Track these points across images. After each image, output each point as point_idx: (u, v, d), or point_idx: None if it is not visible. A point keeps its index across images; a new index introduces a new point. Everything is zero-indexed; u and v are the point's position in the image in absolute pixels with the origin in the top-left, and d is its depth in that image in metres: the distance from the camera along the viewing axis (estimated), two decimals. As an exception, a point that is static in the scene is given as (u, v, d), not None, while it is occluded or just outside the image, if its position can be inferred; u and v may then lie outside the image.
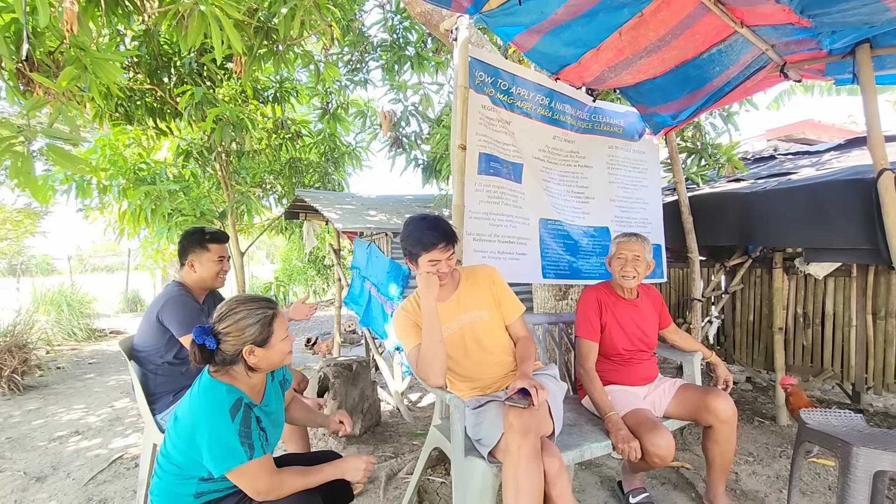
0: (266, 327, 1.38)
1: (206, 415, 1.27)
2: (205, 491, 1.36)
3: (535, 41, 2.28)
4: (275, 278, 12.10)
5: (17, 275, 15.74)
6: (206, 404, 1.29)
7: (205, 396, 1.31)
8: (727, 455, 1.95)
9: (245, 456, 1.27)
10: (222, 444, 1.25)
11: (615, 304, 2.16)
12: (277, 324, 1.41)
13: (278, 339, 1.41)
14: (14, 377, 4.53)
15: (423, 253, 1.78)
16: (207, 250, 2.13)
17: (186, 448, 1.29)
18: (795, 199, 2.83)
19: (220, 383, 1.33)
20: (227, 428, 1.26)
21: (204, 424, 1.26)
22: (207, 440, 1.25)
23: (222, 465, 1.26)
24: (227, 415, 1.27)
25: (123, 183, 4.95)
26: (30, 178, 2.24)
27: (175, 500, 1.36)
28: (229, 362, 1.36)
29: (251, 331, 1.35)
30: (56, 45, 2.81)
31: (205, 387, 1.33)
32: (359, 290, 4.30)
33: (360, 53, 5.06)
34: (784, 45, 2.32)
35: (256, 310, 1.38)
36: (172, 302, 2.03)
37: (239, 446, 1.26)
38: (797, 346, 3.44)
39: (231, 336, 1.34)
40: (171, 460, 1.34)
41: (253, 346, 1.35)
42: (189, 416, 1.30)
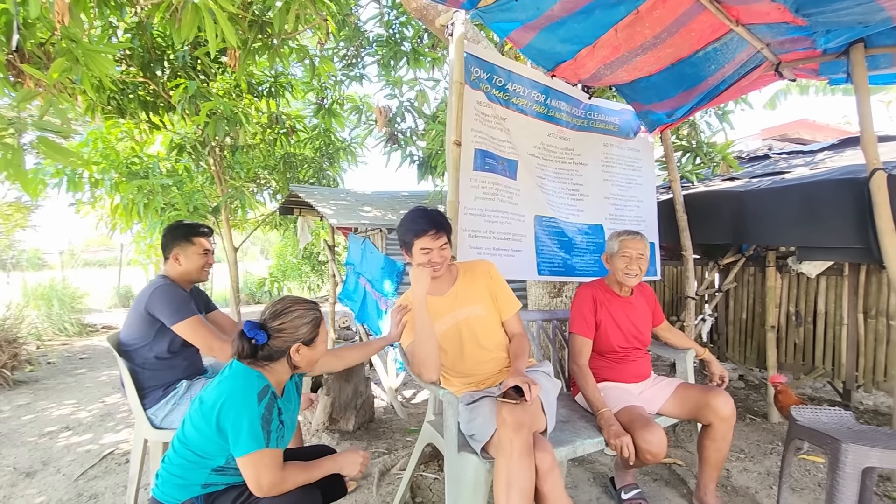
0: (316, 328, 1.46)
1: (235, 395, 1.31)
2: (213, 482, 1.38)
3: (531, 37, 2.27)
4: (269, 274, 12.04)
5: (8, 269, 15.59)
6: (237, 385, 1.32)
7: (236, 378, 1.34)
8: (722, 453, 1.97)
9: (263, 442, 1.29)
10: (247, 424, 1.28)
11: (610, 301, 2.17)
12: (323, 327, 1.49)
13: (322, 340, 1.48)
14: (4, 372, 4.49)
15: (415, 240, 1.80)
16: (192, 244, 2.13)
17: (208, 429, 1.31)
18: (789, 198, 2.85)
19: (251, 369, 1.37)
20: (253, 410, 1.29)
21: (232, 403, 1.29)
22: (233, 419, 1.28)
23: (243, 447, 1.28)
24: (255, 397, 1.31)
25: (115, 177, 4.90)
26: (20, 170, 2.21)
27: (183, 487, 1.37)
28: (274, 358, 1.41)
29: (304, 329, 1.42)
30: (47, 36, 2.78)
31: (236, 371, 1.36)
32: (353, 286, 4.29)
33: (356, 48, 5.04)
34: (779, 43, 2.32)
35: (309, 310, 1.45)
36: (160, 291, 2.00)
37: (260, 430, 1.29)
38: (789, 344, 3.47)
39: (285, 333, 1.40)
40: (189, 446, 1.36)
41: (301, 344, 1.41)
42: (217, 396, 1.32)
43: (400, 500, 2.18)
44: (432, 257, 1.79)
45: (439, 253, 1.80)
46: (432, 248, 1.79)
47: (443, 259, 1.82)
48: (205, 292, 2.40)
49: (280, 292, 11.53)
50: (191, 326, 1.97)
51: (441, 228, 1.81)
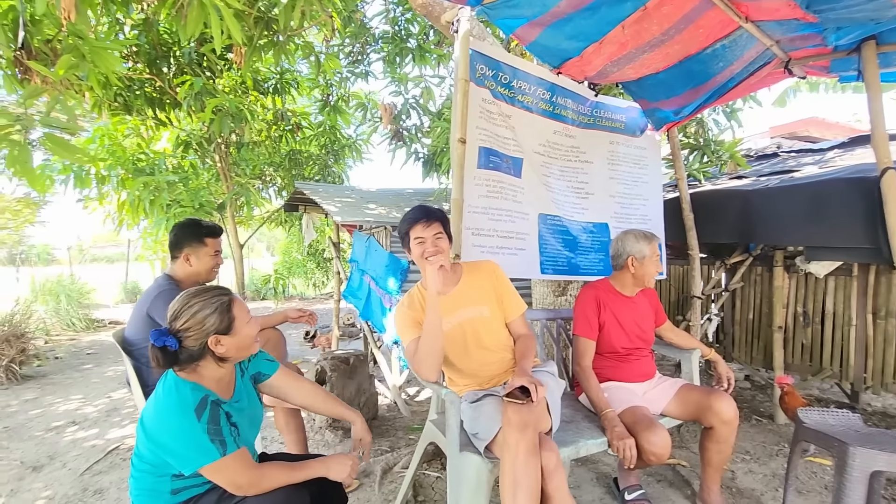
0: (226, 313, 1.33)
1: (172, 415, 1.24)
2: (180, 487, 1.33)
3: (537, 34, 2.25)
4: (274, 271, 12.09)
5: (17, 264, 15.74)
6: (171, 405, 1.25)
7: (169, 397, 1.27)
8: (725, 455, 1.95)
9: (217, 453, 1.24)
10: (191, 443, 1.22)
11: (615, 302, 2.15)
12: (237, 308, 1.36)
13: (242, 322, 1.36)
14: (12, 367, 4.54)
15: (409, 229, 1.81)
16: (204, 244, 2.09)
17: (155, 448, 1.26)
18: (797, 197, 2.81)
19: (184, 382, 1.30)
20: (194, 427, 1.23)
21: (170, 425, 1.23)
22: (174, 440, 1.23)
23: (193, 464, 1.24)
24: (192, 414, 1.24)
25: (122, 173, 4.93)
26: (26, 166, 2.23)
27: (154, 498, 1.34)
28: (196, 358, 1.32)
29: (211, 320, 1.31)
30: (54, 33, 2.79)
31: (169, 387, 1.29)
32: (358, 283, 4.29)
33: (362, 45, 5.03)
34: (789, 40, 2.29)
35: (211, 298, 1.33)
36: (162, 297, 1.98)
37: (209, 444, 1.23)
38: (796, 344, 3.43)
39: (192, 330, 1.30)
40: (143, 459, 1.32)
41: (217, 335, 1.31)
42: (155, 418, 1.26)
43: (402, 498, 2.18)
44: (426, 246, 1.78)
45: (433, 242, 1.79)
46: (425, 236, 1.79)
47: (437, 248, 1.79)
48: None
49: (285, 289, 11.58)
50: None
51: (432, 217, 1.81)
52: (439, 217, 1.84)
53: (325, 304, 10.04)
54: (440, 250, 1.80)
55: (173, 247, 2.11)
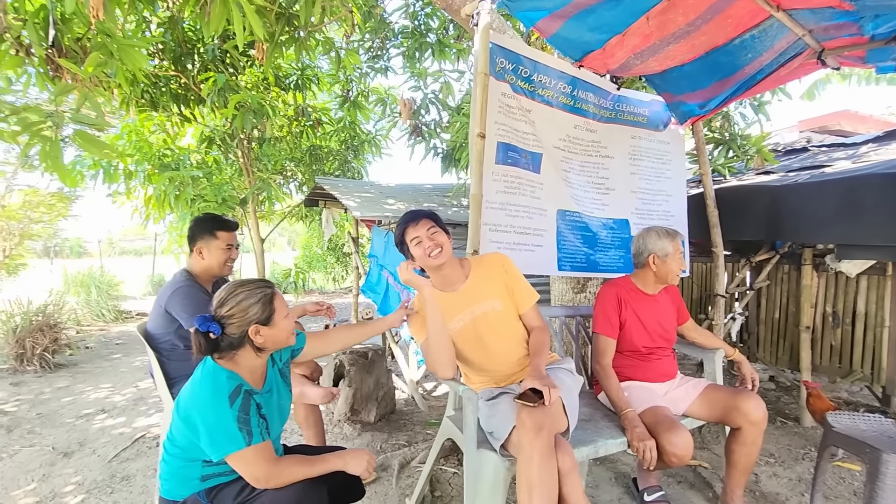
0: (268, 305, 1.39)
1: (206, 400, 1.29)
2: (210, 474, 1.38)
3: (559, 26, 2.21)
4: (294, 265, 12.26)
5: (51, 257, 16.32)
6: (207, 390, 1.30)
7: (205, 382, 1.32)
8: (752, 457, 1.90)
9: (243, 442, 1.27)
10: (220, 429, 1.26)
11: (636, 300, 2.11)
12: (278, 302, 1.42)
13: (281, 316, 1.41)
14: (45, 355, 4.71)
15: (403, 235, 1.82)
16: (216, 237, 2.11)
17: (188, 431, 1.31)
18: (829, 192, 2.71)
19: (221, 369, 1.35)
20: (226, 413, 1.27)
21: (203, 409, 1.28)
22: (206, 425, 1.27)
23: (220, 450, 1.27)
24: (226, 400, 1.28)
25: (148, 168, 5.05)
26: (57, 162, 2.29)
27: (182, 484, 1.38)
28: (236, 346, 1.37)
29: (254, 310, 1.36)
30: (83, 31, 2.86)
31: (207, 372, 1.34)
32: (376, 278, 4.32)
33: (381, 40, 5.03)
34: (823, 30, 2.20)
35: (255, 290, 1.39)
36: (179, 293, 2.02)
37: (237, 432, 1.27)
38: (825, 345, 3.32)
39: (235, 318, 1.34)
40: (175, 443, 1.36)
41: (258, 325, 1.36)
42: (190, 401, 1.31)
43: (419, 493, 2.19)
44: (424, 244, 1.78)
45: (429, 237, 1.79)
46: (420, 234, 1.79)
47: (434, 242, 1.79)
48: None
49: (305, 283, 11.74)
50: None
51: (419, 216, 1.82)
52: (426, 214, 1.84)
53: (344, 299, 10.14)
54: (439, 244, 1.79)
55: (189, 241, 2.15)
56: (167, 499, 1.41)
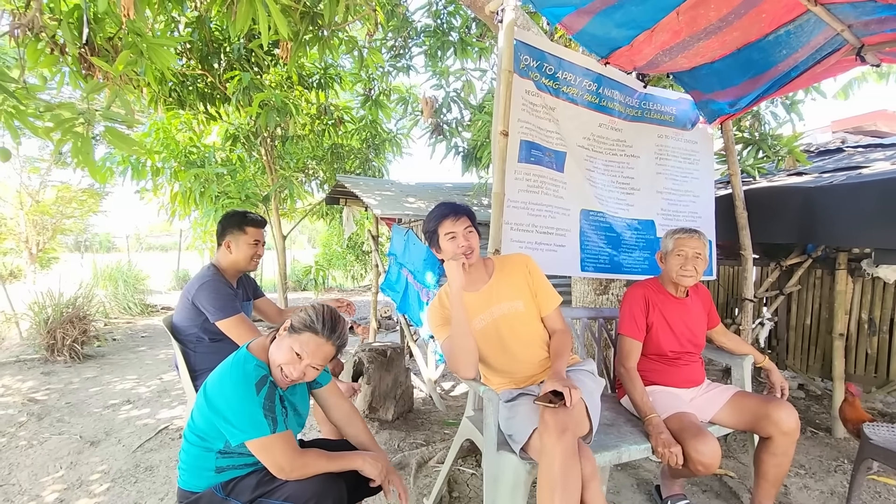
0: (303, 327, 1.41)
1: (234, 384, 1.32)
2: (224, 466, 1.40)
3: (585, 23, 2.17)
4: (315, 262, 12.40)
5: (81, 251, 16.85)
6: (236, 375, 1.34)
7: (235, 368, 1.36)
8: (783, 469, 1.82)
9: (268, 428, 1.30)
10: (246, 414, 1.29)
11: (664, 302, 2.05)
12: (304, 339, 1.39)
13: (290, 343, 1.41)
14: (75, 346, 4.85)
15: (438, 227, 1.78)
16: (245, 233, 2.16)
17: (211, 414, 1.33)
18: (867, 194, 2.60)
19: (252, 357, 1.39)
20: (252, 400, 1.30)
21: (230, 393, 1.31)
22: (232, 408, 1.30)
23: (244, 434, 1.30)
24: (252, 387, 1.32)
25: (175, 165, 5.16)
26: (88, 158, 2.35)
27: (198, 474, 1.41)
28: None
29: (302, 315, 1.42)
30: (115, 30, 2.92)
31: (238, 359, 1.39)
32: (396, 276, 4.33)
33: (404, 39, 5.03)
34: (863, 25, 2.10)
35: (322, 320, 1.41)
36: (207, 287, 2.05)
37: (262, 418, 1.30)
38: (860, 353, 3.20)
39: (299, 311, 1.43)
40: (195, 430, 1.39)
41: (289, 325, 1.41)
42: (217, 384, 1.35)
43: (437, 493, 2.17)
44: (458, 241, 1.76)
45: (465, 236, 1.76)
46: (456, 231, 1.76)
47: (469, 243, 1.77)
48: (253, 279, 2.48)
49: (325, 280, 11.86)
50: (233, 325, 2.01)
51: (460, 211, 1.79)
52: (466, 211, 1.81)
53: (363, 297, 10.21)
54: (472, 246, 1.77)
55: (218, 235, 2.20)
56: (184, 489, 1.43)
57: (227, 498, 1.38)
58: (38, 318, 4.95)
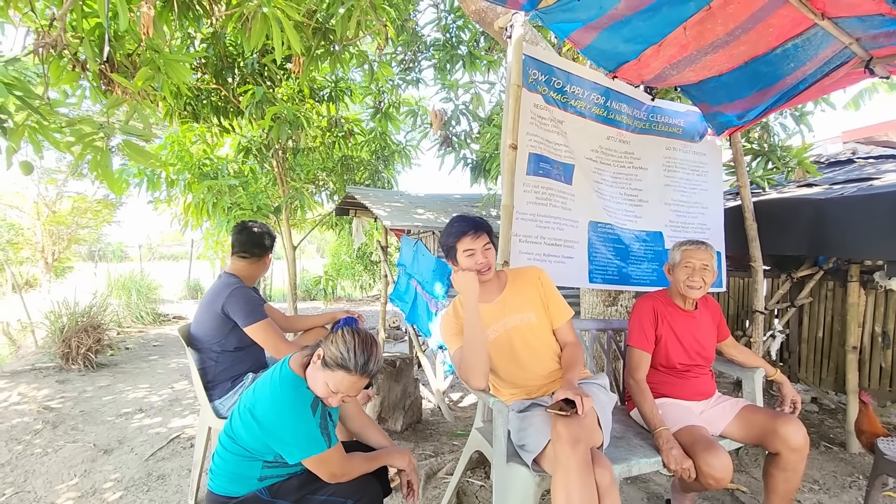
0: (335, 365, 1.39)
1: (292, 409, 1.38)
2: (268, 476, 1.47)
3: (593, 38, 2.20)
4: (324, 272, 12.47)
5: (95, 260, 17.09)
6: (291, 399, 1.40)
7: (287, 390, 1.41)
8: (792, 484, 1.80)
9: (325, 445, 1.39)
10: (306, 435, 1.37)
11: (673, 315, 2.05)
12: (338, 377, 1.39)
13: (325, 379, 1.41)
14: (89, 355, 4.92)
15: (457, 243, 1.79)
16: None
17: (264, 435, 1.39)
18: (878, 206, 2.59)
19: (300, 380, 1.43)
20: (310, 422, 1.38)
21: (289, 417, 1.37)
22: (291, 431, 1.37)
23: (302, 453, 1.38)
24: (309, 409, 1.39)
25: (189, 177, 5.25)
26: (107, 171, 2.41)
27: (238, 482, 1.46)
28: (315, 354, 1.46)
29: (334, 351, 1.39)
30: (134, 47, 3.01)
31: (287, 381, 1.42)
32: (404, 287, 4.35)
33: (413, 53, 5.11)
34: (871, 38, 2.11)
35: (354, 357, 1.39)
36: (238, 293, 2.09)
37: (320, 436, 1.38)
38: (874, 367, 3.15)
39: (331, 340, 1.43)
40: (240, 443, 1.44)
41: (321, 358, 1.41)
42: (272, 408, 1.39)
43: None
44: (477, 258, 1.77)
45: (483, 253, 1.78)
46: (475, 248, 1.78)
47: (487, 260, 1.79)
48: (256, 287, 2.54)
49: (334, 290, 11.92)
50: (262, 329, 2.06)
51: (481, 228, 1.80)
52: (486, 228, 1.83)
53: (372, 307, 10.24)
54: (489, 263, 1.79)
55: (259, 247, 2.23)
56: (220, 494, 1.46)
57: (274, 500, 1.46)
58: (53, 327, 5.03)
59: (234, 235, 2.25)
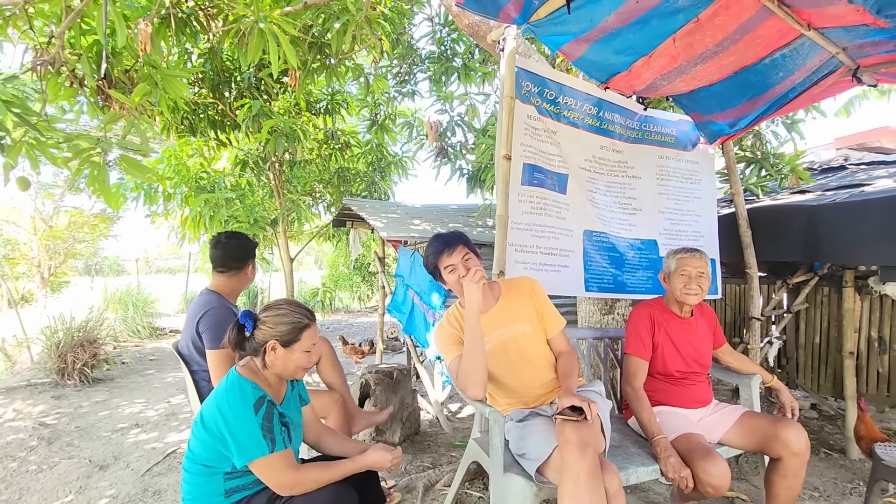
0: (296, 332, 1.45)
1: (232, 407, 1.34)
2: (233, 488, 1.41)
3: (584, 50, 2.23)
4: (322, 284, 12.45)
5: (92, 274, 17.04)
6: (232, 398, 1.36)
7: (231, 391, 1.38)
8: (794, 491, 1.79)
9: (267, 448, 1.33)
10: (246, 435, 1.32)
11: (669, 322, 2.06)
12: (307, 335, 1.47)
13: (301, 348, 1.46)
14: (85, 370, 4.89)
15: (437, 262, 1.82)
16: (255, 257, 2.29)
17: (211, 440, 1.35)
18: (870, 212, 2.62)
19: (245, 380, 1.40)
20: (251, 420, 1.33)
21: (229, 416, 1.33)
22: (232, 431, 1.32)
23: (246, 456, 1.32)
24: (251, 408, 1.34)
25: (186, 191, 5.27)
26: (104, 185, 2.42)
27: (207, 500, 1.41)
28: (254, 352, 1.45)
29: (284, 328, 1.43)
30: (131, 63, 3.05)
31: (231, 382, 1.40)
32: (402, 298, 4.35)
33: (409, 65, 5.16)
34: (857, 47, 2.15)
35: (295, 313, 1.46)
36: (211, 314, 2.03)
37: (262, 439, 1.32)
38: (871, 372, 3.16)
39: (266, 326, 1.43)
40: (196, 459, 1.40)
41: (277, 343, 1.42)
42: (216, 409, 1.36)
43: (444, 516, 2.16)
44: (459, 272, 1.79)
45: (464, 265, 1.79)
46: (454, 263, 1.79)
47: (466, 267, 1.79)
48: None
49: (332, 302, 11.89)
50: (219, 358, 1.94)
51: (454, 243, 1.82)
52: (460, 240, 1.84)
53: (370, 318, 10.21)
54: (476, 267, 1.80)
55: (238, 259, 2.17)
56: None
57: None
58: (49, 343, 5.00)
59: (210, 250, 2.20)
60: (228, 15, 3.22)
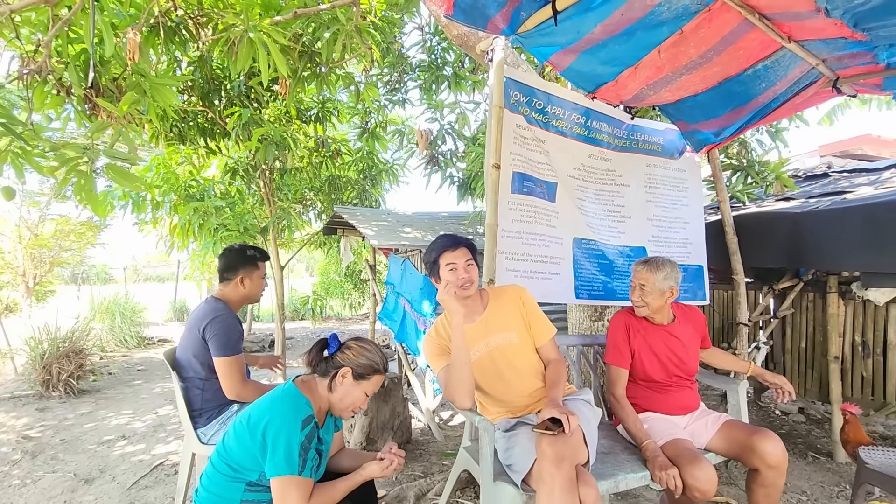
0: (371, 371, 1.50)
1: (283, 415, 1.36)
2: (249, 500, 1.41)
3: (571, 60, 2.27)
4: (313, 291, 12.38)
5: (78, 283, 16.78)
6: (287, 406, 1.38)
7: (286, 399, 1.40)
8: (773, 499, 1.80)
9: (296, 468, 1.33)
10: (284, 446, 1.33)
11: (646, 330, 2.08)
12: (375, 380, 1.51)
13: (365, 388, 1.50)
14: (70, 381, 4.80)
15: (439, 257, 1.82)
16: (258, 268, 2.21)
17: (251, 441, 1.36)
18: (852, 219, 2.67)
19: (301, 394, 1.43)
20: (296, 435, 1.34)
21: (278, 422, 1.35)
22: (275, 438, 1.33)
23: (275, 468, 1.33)
24: (299, 423, 1.36)
25: (175, 199, 5.22)
26: (91, 194, 2.40)
27: (220, 502, 1.41)
28: (325, 374, 1.48)
29: (363, 361, 1.48)
30: (119, 72, 3.03)
31: (288, 392, 1.42)
32: (393, 305, 4.34)
33: (399, 74, 5.19)
34: (836, 59, 2.21)
35: (378, 356, 1.52)
36: (220, 321, 2.03)
37: (296, 457, 1.33)
38: (855, 376, 3.21)
39: (350, 352, 1.48)
40: (226, 457, 1.41)
41: (351, 372, 1.46)
42: (267, 410, 1.38)
43: (435, 526, 2.15)
44: (459, 273, 1.79)
45: (465, 269, 1.80)
46: (457, 262, 1.80)
47: (469, 276, 1.81)
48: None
49: (323, 310, 11.82)
50: (230, 364, 1.99)
51: (461, 243, 1.83)
52: (467, 244, 1.86)
53: (361, 325, 10.16)
54: (472, 278, 1.81)
55: (228, 270, 2.17)
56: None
57: None
58: (33, 354, 4.91)
59: (218, 261, 2.24)
60: (218, 24, 3.22)
